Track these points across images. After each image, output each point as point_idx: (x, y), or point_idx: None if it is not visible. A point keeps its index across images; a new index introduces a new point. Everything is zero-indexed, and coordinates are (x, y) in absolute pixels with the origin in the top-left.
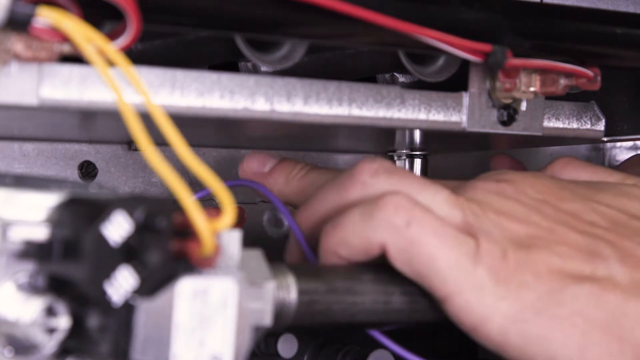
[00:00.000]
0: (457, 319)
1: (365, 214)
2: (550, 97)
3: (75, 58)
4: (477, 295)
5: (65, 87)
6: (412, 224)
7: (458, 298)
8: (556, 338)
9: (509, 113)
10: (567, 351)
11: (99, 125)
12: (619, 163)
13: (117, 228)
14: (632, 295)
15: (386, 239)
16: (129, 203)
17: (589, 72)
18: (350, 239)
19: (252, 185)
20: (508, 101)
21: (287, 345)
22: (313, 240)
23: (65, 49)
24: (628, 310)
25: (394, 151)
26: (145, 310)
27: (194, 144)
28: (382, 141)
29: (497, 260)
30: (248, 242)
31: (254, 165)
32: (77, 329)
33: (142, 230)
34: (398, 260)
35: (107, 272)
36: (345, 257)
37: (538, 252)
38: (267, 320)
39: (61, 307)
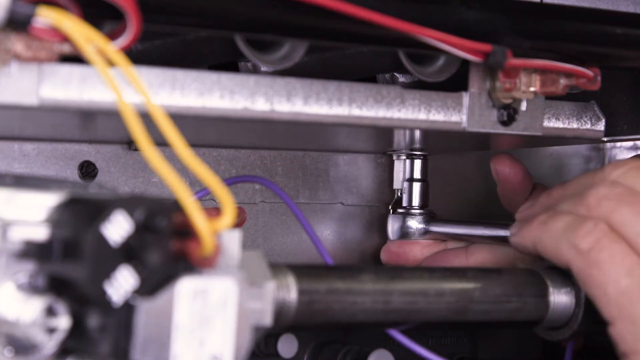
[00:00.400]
0: (614, 342)
1: (566, 230)
2: (550, 97)
3: (75, 58)
4: (632, 328)
5: (65, 87)
6: (594, 249)
7: (617, 324)
8: None
9: (509, 113)
10: None
11: (99, 125)
12: None
13: (117, 228)
14: None
15: (570, 259)
16: (129, 203)
17: (589, 72)
18: (546, 243)
19: (255, 180)
20: (508, 101)
21: (287, 345)
22: None
23: (65, 49)
24: None
25: (394, 151)
26: (145, 310)
27: (194, 144)
28: (382, 141)
29: None
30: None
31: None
32: (77, 329)
33: (142, 230)
34: (579, 280)
35: (107, 272)
36: (534, 253)
37: None
38: (267, 320)
39: (61, 307)
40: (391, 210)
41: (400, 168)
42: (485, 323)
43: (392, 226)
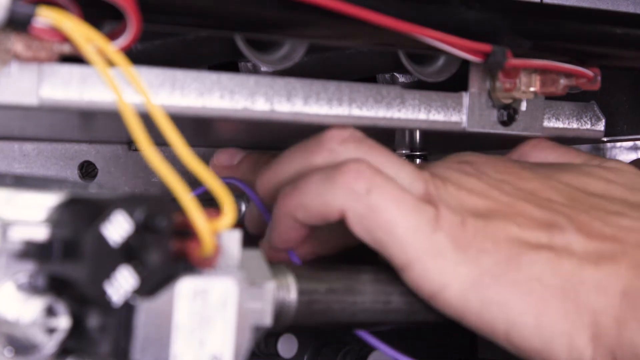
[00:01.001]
0: (416, 287)
1: (326, 178)
2: (550, 97)
3: (75, 58)
4: (436, 261)
5: (65, 87)
6: (372, 191)
7: (417, 265)
8: (514, 303)
9: (509, 113)
10: (524, 316)
11: (99, 125)
12: None
13: (117, 228)
14: (587, 263)
15: (346, 205)
16: (129, 203)
17: (589, 72)
18: (309, 203)
19: (236, 183)
20: (508, 101)
21: (287, 345)
22: (272, 202)
23: (65, 49)
24: (584, 277)
25: (394, 151)
26: (145, 310)
27: (194, 144)
28: (382, 141)
29: (456, 228)
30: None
31: (223, 159)
32: (77, 329)
33: (142, 230)
34: (357, 227)
35: (107, 272)
36: (301, 221)
37: (497, 221)
38: (267, 320)
39: (61, 307)
40: None
41: None
42: None
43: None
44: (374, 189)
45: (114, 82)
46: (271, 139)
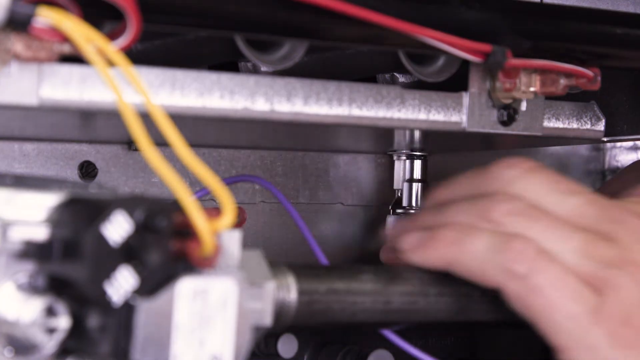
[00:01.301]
0: None
1: (491, 250)
2: (550, 97)
3: (75, 58)
4: (589, 355)
5: (65, 87)
6: (533, 274)
7: (570, 353)
8: None
9: (509, 113)
10: None
11: (99, 125)
12: (618, 163)
13: (117, 228)
14: None
15: (504, 283)
16: (129, 203)
17: (589, 72)
18: (466, 265)
19: (251, 180)
20: (508, 101)
21: (287, 345)
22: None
23: (65, 49)
24: None
25: (394, 151)
26: (145, 310)
27: (194, 144)
28: (382, 141)
29: (619, 324)
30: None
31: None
32: (77, 329)
33: (142, 230)
34: (514, 303)
35: (107, 272)
36: (444, 271)
37: None
38: (267, 320)
39: (61, 307)
40: (391, 211)
41: (400, 168)
42: (486, 322)
43: (391, 227)
44: (534, 271)
45: (114, 82)
46: (271, 139)
